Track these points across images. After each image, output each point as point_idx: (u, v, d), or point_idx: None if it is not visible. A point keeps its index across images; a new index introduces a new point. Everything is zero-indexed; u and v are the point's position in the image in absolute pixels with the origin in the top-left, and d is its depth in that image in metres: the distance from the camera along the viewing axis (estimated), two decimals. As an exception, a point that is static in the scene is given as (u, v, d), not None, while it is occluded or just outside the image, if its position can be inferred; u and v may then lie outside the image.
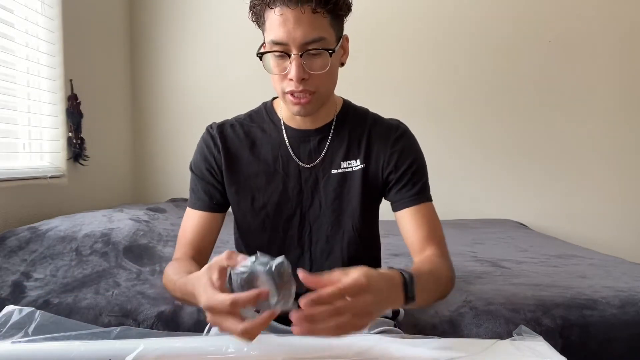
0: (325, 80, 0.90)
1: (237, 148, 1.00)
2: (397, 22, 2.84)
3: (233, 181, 1.00)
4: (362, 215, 0.99)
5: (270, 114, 1.03)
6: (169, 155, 2.88)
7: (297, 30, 0.84)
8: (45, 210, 1.93)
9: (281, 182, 0.99)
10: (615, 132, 2.82)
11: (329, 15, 0.86)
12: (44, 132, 2.06)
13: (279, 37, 0.85)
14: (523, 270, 1.55)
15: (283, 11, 0.84)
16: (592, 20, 2.81)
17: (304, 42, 0.85)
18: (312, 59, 0.87)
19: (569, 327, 1.15)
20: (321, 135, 1.00)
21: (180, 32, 2.86)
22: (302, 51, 0.85)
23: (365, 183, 0.99)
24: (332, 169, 0.99)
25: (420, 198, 0.99)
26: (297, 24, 0.84)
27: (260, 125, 1.02)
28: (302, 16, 0.83)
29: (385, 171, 0.99)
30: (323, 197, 0.99)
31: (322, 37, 0.86)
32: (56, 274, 1.42)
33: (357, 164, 0.99)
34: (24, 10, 1.92)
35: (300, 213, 0.99)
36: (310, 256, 1.00)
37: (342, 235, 0.99)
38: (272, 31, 0.86)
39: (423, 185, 1.00)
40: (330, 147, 0.99)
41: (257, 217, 1.00)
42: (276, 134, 1.00)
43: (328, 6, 0.85)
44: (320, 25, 0.85)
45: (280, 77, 0.89)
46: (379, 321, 0.99)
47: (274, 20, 0.85)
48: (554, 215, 2.83)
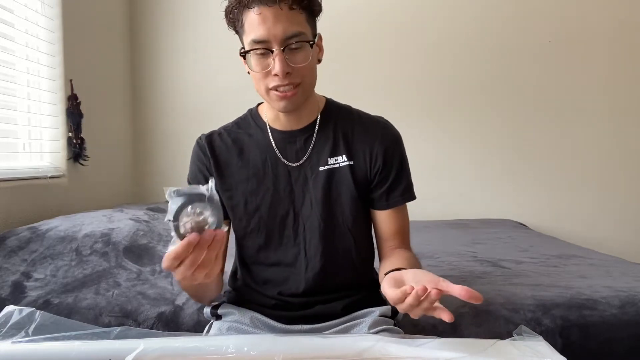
0: (307, 72, 0.93)
1: (226, 156, 1.02)
2: (394, 21, 2.84)
3: (225, 188, 1.02)
4: (352, 210, 1.01)
5: (256, 119, 1.05)
6: (169, 155, 2.88)
7: (277, 27, 0.87)
8: (45, 210, 1.93)
9: (272, 183, 1.00)
10: (615, 132, 2.82)
11: (304, 12, 0.90)
12: (44, 132, 2.06)
13: (259, 35, 0.88)
14: (523, 270, 1.55)
15: (261, 10, 0.87)
16: (592, 20, 2.81)
17: (284, 37, 0.88)
18: (293, 52, 0.90)
19: (569, 327, 1.15)
20: (306, 134, 1.01)
21: (180, 32, 2.86)
22: (283, 46, 0.88)
23: (354, 178, 1.00)
24: (320, 166, 1.00)
25: (405, 198, 1.03)
26: (276, 20, 0.87)
27: (246, 131, 1.05)
28: (281, 12, 0.87)
29: (372, 169, 1.01)
30: (313, 195, 1.00)
31: (301, 32, 0.90)
32: (56, 274, 1.42)
33: (344, 159, 1.01)
34: (24, 10, 1.92)
35: (294, 212, 1.01)
36: (306, 253, 1.01)
37: (333, 230, 1.01)
38: (252, 31, 0.89)
39: (408, 183, 1.04)
40: (316, 144, 1.01)
41: (252, 219, 1.01)
42: (262, 137, 1.02)
43: (303, 3, 0.89)
44: (298, 20, 0.89)
45: (263, 74, 0.91)
46: (379, 320, 0.99)
47: (253, 19, 0.88)
48: (554, 215, 2.84)
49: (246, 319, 1.01)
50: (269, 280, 1.03)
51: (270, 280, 1.03)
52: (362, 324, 0.99)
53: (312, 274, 1.00)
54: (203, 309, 1.18)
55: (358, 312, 1.02)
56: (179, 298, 1.30)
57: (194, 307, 1.25)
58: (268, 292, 1.03)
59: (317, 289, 1.01)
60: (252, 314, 1.02)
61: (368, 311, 1.02)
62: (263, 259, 1.03)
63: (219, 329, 1.02)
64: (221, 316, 1.06)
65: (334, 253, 1.01)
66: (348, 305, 1.02)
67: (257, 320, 1.01)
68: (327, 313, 1.01)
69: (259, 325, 1.01)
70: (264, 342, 0.73)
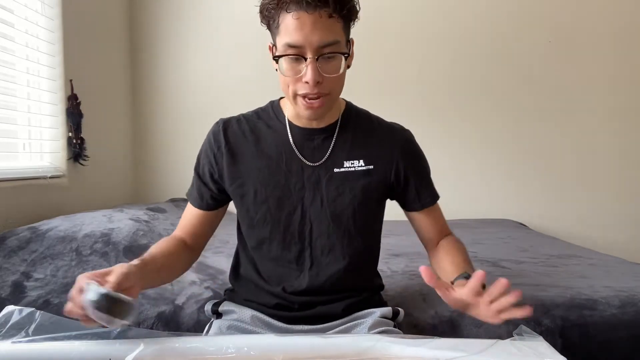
0: (337, 83, 0.92)
1: (241, 142, 1.02)
2: (397, 22, 2.84)
3: (237, 175, 1.02)
4: (363, 214, 1.01)
5: (277, 111, 1.05)
6: (169, 155, 2.88)
7: (314, 34, 0.85)
8: (45, 210, 1.93)
9: (284, 177, 1.00)
10: (616, 132, 2.82)
11: (342, 20, 0.88)
12: (44, 132, 2.06)
13: (295, 41, 0.86)
14: (523, 270, 1.55)
15: (300, 15, 0.85)
16: (592, 20, 2.81)
17: (320, 45, 0.86)
18: (326, 62, 0.88)
19: (569, 327, 1.15)
20: (325, 134, 1.01)
21: (181, 32, 2.86)
22: (317, 54, 0.87)
23: (369, 183, 1.01)
24: (335, 168, 1.00)
25: (434, 198, 1.08)
26: (314, 27, 0.85)
27: (266, 122, 1.04)
28: (319, 20, 0.85)
29: (392, 175, 1.02)
30: (325, 195, 1.00)
31: (337, 41, 0.88)
32: (56, 274, 1.42)
33: (361, 164, 1.01)
34: (24, 10, 1.92)
35: (302, 209, 1.00)
36: (311, 252, 1.01)
37: (342, 233, 1.01)
38: (288, 34, 0.87)
39: (432, 185, 1.10)
40: (334, 146, 1.01)
41: (259, 210, 1.01)
42: (281, 131, 1.02)
43: (343, 11, 0.87)
44: (335, 29, 0.88)
45: (294, 79, 0.90)
46: (380, 322, 1.00)
47: (290, 23, 0.86)
48: (553, 215, 2.84)
49: (246, 317, 1.02)
50: (271, 276, 1.03)
51: (272, 276, 1.03)
52: (362, 324, 0.99)
53: (316, 273, 1.00)
54: (203, 308, 1.18)
55: (358, 312, 1.02)
56: (178, 298, 1.30)
57: (194, 306, 1.25)
58: (270, 289, 1.03)
59: (320, 289, 1.01)
60: (252, 312, 1.02)
61: (368, 312, 1.02)
62: (265, 252, 1.03)
63: (219, 327, 1.02)
64: (221, 314, 1.06)
65: (340, 254, 1.01)
66: (349, 306, 1.02)
67: (258, 319, 1.01)
68: (327, 314, 1.01)
69: (260, 324, 1.01)
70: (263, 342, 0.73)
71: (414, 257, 1.71)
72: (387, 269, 1.53)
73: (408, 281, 1.42)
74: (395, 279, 1.43)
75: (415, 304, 1.24)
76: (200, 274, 1.45)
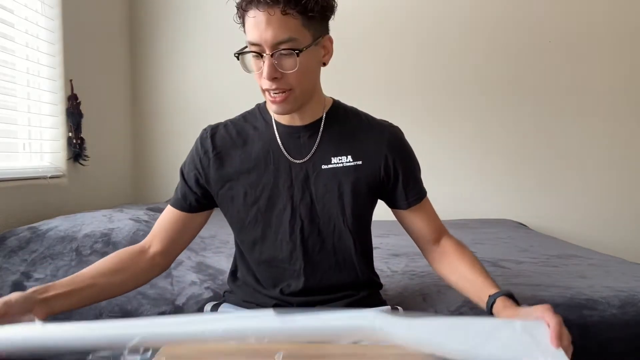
0: (299, 79, 0.92)
1: (229, 146, 1.03)
2: (394, 21, 2.84)
3: (226, 178, 1.02)
4: (353, 210, 1.02)
5: (263, 112, 1.06)
6: (169, 155, 2.88)
7: (268, 32, 0.88)
8: (45, 210, 1.93)
9: (272, 176, 1.01)
10: (615, 132, 2.82)
11: (300, 17, 0.89)
12: (44, 132, 2.06)
13: (253, 38, 0.90)
14: (523, 270, 1.55)
15: (255, 14, 0.88)
16: (592, 20, 2.81)
17: (274, 42, 0.88)
18: (283, 58, 0.90)
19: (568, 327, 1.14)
20: (311, 131, 1.02)
21: (181, 33, 2.86)
22: (273, 51, 0.89)
23: (358, 179, 1.01)
24: (323, 165, 1.01)
25: (422, 194, 1.07)
26: (267, 25, 0.87)
27: (252, 124, 1.06)
28: (272, 18, 0.87)
29: (382, 170, 1.02)
30: (314, 192, 1.01)
31: (293, 38, 0.89)
32: (56, 274, 1.42)
33: (349, 160, 1.01)
34: (24, 10, 1.92)
35: (292, 207, 1.01)
36: (303, 250, 1.01)
37: (332, 230, 1.02)
38: (249, 33, 0.91)
39: (420, 182, 1.09)
40: (320, 143, 1.02)
41: (249, 212, 1.02)
42: (267, 131, 1.03)
43: (297, 7, 0.87)
44: (291, 26, 0.88)
45: (258, 75, 0.93)
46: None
47: (249, 22, 0.90)
48: (554, 215, 2.84)
49: (246, 318, 1.02)
50: (267, 278, 1.04)
51: (268, 278, 1.03)
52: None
53: (311, 271, 1.01)
54: (202, 309, 1.18)
55: (358, 312, 1.03)
56: (179, 298, 1.30)
57: (194, 307, 1.25)
58: (268, 292, 1.03)
59: (317, 288, 1.01)
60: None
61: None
62: (258, 254, 1.03)
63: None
64: (221, 315, 1.06)
65: (332, 251, 1.02)
66: (348, 305, 1.02)
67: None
68: None
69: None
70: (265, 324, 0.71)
71: (414, 257, 1.71)
72: (387, 268, 1.53)
73: (408, 281, 1.42)
74: (395, 279, 1.43)
75: (415, 303, 1.24)
76: (200, 274, 1.45)
